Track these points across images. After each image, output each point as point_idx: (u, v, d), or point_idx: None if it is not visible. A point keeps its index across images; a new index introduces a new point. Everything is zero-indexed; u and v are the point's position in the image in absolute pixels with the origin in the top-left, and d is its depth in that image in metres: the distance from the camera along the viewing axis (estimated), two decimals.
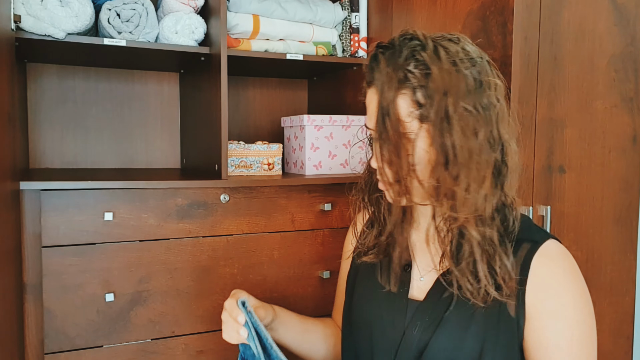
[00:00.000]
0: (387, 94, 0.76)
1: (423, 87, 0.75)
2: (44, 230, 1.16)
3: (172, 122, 1.73)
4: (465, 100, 0.74)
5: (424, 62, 0.75)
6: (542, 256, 0.78)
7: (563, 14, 1.32)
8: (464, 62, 0.76)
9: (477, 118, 0.75)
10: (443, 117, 0.74)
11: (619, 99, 1.43)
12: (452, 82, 0.74)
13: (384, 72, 0.77)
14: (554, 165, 1.35)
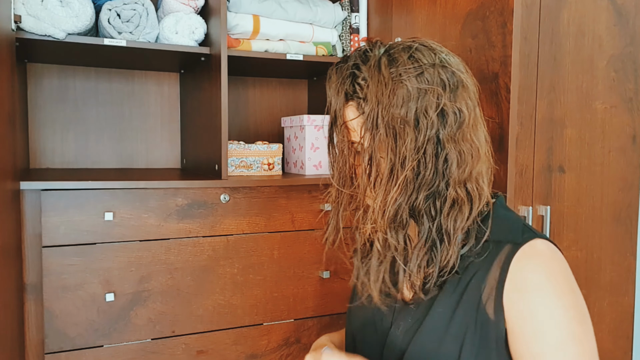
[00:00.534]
0: (334, 104, 0.82)
1: (363, 98, 0.78)
2: (44, 230, 1.16)
3: (172, 122, 1.73)
4: (399, 110, 0.76)
5: (360, 74, 0.79)
6: (521, 256, 0.77)
7: (563, 14, 1.32)
8: (407, 72, 0.77)
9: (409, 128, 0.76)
10: (373, 126, 0.77)
11: (618, 99, 1.43)
12: (385, 91, 0.76)
13: (334, 84, 0.82)
14: (554, 165, 1.35)
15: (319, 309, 1.43)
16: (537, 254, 0.77)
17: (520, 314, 0.74)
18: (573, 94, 1.36)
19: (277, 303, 1.39)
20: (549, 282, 0.74)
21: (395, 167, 0.76)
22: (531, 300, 0.74)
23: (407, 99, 0.75)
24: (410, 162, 0.76)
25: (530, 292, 0.74)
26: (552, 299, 0.74)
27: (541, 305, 0.73)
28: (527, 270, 0.76)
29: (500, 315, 0.76)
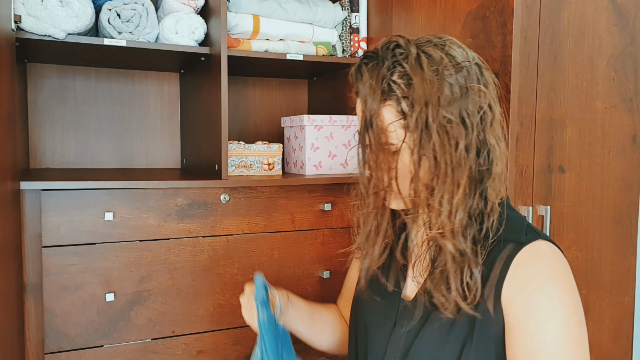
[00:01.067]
0: (370, 105, 0.77)
1: (406, 97, 0.75)
2: (44, 230, 1.16)
3: (172, 122, 1.73)
4: (447, 109, 0.74)
5: (406, 72, 0.75)
6: (523, 256, 0.77)
7: (563, 14, 1.32)
8: (448, 69, 0.75)
9: (458, 127, 0.75)
10: (423, 128, 0.74)
11: (618, 99, 1.43)
12: (433, 91, 0.73)
13: (367, 83, 0.77)
14: (554, 165, 1.35)
15: None
16: (539, 254, 0.77)
17: (520, 311, 0.74)
18: (573, 94, 1.36)
19: None
20: (550, 282, 0.74)
21: (452, 168, 0.75)
22: (532, 298, 0.74)
23: (453, 97, 0.75)
24: (466, 162, 0.75)
25: (531, 290, 0.74)
26: (554, 298, 0.73)
27: (542, 303, 0.73)
28: (529, 269, 0.75)
29: (499, 313, 0.76)
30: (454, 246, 0.76)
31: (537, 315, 0.73)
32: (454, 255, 0.76)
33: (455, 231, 0.76)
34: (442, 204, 0.75)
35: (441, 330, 0.79)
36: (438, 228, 0.76)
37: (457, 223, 0.75)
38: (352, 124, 1.51)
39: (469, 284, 0.76)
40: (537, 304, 0.73)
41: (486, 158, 0.78)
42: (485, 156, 0.77)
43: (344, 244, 1.45)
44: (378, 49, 0.79)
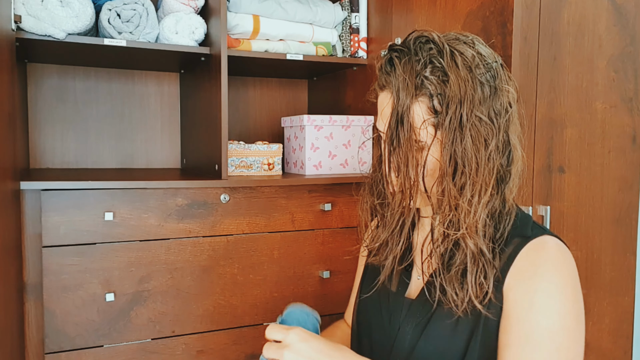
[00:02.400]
0: (403, 100, 0.75)
1: (440, 94, 0.74)
2: (44, 230, 1.16)
3: (172, 122, 1.73)
4: (479, 108, 0.74)
5: (442, 69, 0.74)
6: (529, 248, 0.77)
7: (563, 14, 1.32)
8: (480, 68, 0.75)
9: (489, 127, 0.75)
10: (457, 126, 0.73)
11: (618, 99, 1.43)
12: (467, 90, 0.73)
13: (401, 77, 0.75)
14: (554, 166, 1.35)
15: (319, 309, 1.42)
16: (545, 247, 0.77)
17: (518, 297, 0.74)
18: (573, 94, 1.36)
19: (277, 303, 1.39)
20: (553, 273, 0.74)
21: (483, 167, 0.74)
22: (532, 285, 0.74)
23: (484, 97, 0.74)
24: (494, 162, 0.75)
25: (532, 279, 0.74)
26: (554, 288, 0.74)
27: (542, 291, 0.73)
28: (533, 259, 0.76)
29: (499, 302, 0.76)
30: (475, 245, 0.76)
31: (535, 301, 0.73)
32: (475, 253, 0.76)
33: (479, 230, 0.76)
34: (471, 204, 0.74)
35: (447, 326, 0.79)
36: (466, 227, 0.75)
37: (481, 222, 0.75)
38: (352, 124, 1.51)
39: (483, 282, 0.76)
40: (536, 292, 0.74)
41: (507, 158, 0.78)
42: (506, 157, 0.78)
43: (344, 244, 1.45)
44: (409, 43, 0.78)
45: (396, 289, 0.89)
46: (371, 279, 0.96)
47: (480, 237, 0.76)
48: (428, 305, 0.82)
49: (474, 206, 0.74)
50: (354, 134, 1.52)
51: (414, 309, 0.84)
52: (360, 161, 1.54)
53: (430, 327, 0.80)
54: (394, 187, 0.80)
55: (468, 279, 0.76)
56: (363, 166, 1.55)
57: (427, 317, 0.82)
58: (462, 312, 0.77)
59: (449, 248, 0.79)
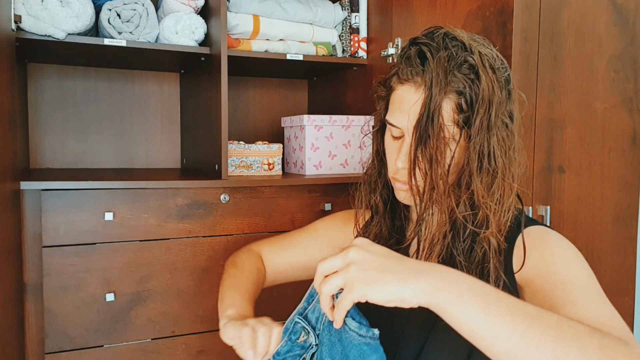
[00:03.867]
0: (436, 96, 0.73)
1: (469, 93, 0.73)
2: (44, 230, 1.16)
3: (172, 122, 1.73)
4: (502, 110, 0.75)
5: (472, 68, 0.73)
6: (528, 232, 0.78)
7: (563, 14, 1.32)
8: (500, 71, 0.76)
9: (510, 129, 0.76)
10: (486, 127, 0.73)
11: (618, 99, 1.43)
12: (495, 90, 0.74)
13: (434, 72, 0.73)
14: (554, 166, 1.35)
15: None
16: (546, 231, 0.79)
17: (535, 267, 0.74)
18: (573, 94, 1.36)
19: (277, 303, 1.39)
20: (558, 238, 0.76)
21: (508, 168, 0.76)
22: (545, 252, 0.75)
23: (504, 99, 0.75)
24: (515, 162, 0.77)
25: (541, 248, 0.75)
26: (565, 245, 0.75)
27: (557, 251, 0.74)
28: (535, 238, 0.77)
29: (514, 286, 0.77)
30: (497, 243, 0.76)
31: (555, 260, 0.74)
32: (496, 250, 0.76)
33: (502, 229, 0.76)
34: (501, 203, 0.75)
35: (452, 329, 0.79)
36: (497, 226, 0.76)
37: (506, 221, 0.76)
38: (352, 124, 1.51)
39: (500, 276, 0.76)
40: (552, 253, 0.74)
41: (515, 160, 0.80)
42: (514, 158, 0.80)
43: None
44: (437, 39, 0.76)
45: None
46: None
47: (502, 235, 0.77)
48: None
49: (504, 205, 0.76)
50: (354, 134, 1.52)
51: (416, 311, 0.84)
52: (360, 161, 1.54)
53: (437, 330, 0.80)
54: (416, 185, 0.78)
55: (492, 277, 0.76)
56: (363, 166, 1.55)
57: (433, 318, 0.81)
58: None
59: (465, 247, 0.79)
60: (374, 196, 0.93)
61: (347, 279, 0.60)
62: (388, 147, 0.84)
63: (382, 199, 0.92)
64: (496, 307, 0.57)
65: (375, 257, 0.61)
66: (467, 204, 0.77)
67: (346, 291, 0.60)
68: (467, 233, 0.78)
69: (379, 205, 0.93)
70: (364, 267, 0.60)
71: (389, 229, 0.91)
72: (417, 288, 0.58)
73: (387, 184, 0.90)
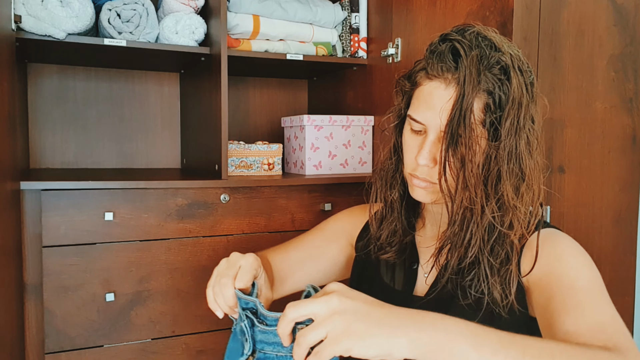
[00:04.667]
0: (469, 95, 0.71)
1: (499, 94, 0.72)
2: (44, 230, 1.16)
3: (172, 122, 1.73)
4: (529, 113, 0.75)
5: (504, 69, 0.73)
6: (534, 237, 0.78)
7: (563, 14, 1.32)
8: (527, 73, 0.76)
9: (536, 133, 0.76)
10: (515, 129, 0.73)
11: (618, 99, 1.43)
12: (524, 93, 0.73)
13: (467, 70, 0.72)
14: (554, 166, 1.35)
15: None
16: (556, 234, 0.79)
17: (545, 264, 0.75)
18: (573, 94, 1.36)
19: (277, 303, 1.39)
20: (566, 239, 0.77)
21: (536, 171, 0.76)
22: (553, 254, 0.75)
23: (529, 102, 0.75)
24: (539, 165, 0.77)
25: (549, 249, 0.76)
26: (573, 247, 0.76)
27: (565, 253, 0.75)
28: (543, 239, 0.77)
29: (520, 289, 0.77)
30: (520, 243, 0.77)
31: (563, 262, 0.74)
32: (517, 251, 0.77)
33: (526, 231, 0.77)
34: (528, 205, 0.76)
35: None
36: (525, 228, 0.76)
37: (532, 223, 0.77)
38: (352, 124, 1.51)
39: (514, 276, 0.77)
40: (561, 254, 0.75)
41: None
42: None
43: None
44: (470, 37, 0.75)
45: (402, 287, 0.88)
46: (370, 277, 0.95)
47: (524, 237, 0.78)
48: (441, 303, 0.81)
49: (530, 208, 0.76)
50: (354, 134, 1.52)
51: (424, 307, 0.82)
52: (360, 161, 1.54)
53: None
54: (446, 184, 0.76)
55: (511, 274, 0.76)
56: (363, 166, 1.55)
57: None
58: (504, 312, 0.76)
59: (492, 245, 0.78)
60: (391, 192, 0.90)
61: (332, 332, 0.54)
62: (407, 142, 0.82)
63: (399, 195, 0.90)
64: (489, 345, 0.55)
65: (360, 306, 0.56)
66: (495, 206, 0.76)
67: (329, 344, 0.54)
68: (494, 234, 0.77)
69: (395, 201, 0.90)
70: (350, 319, 0.54)
71: (403, 225, 0.90)
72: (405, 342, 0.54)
73: (404, 180, 0.88)
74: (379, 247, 0.92)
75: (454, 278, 0.80)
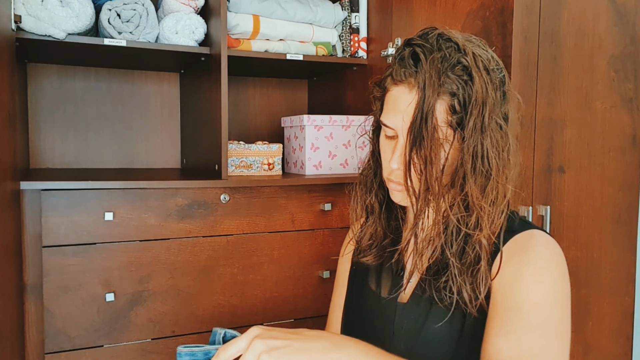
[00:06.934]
0: (429, 97, 0.72)
1: (462, 94, 0.73)
2: (44, 230, 1.16)
3: (172, 122, 1.73)
4: (496, 112, 0.75)
5: (465, 69, 0.73)
6: (515, 239, 0.77)
7: (563, 14, 1.32)
8: (495, 72, 0.76)
9: (504, 131, 0.76)
10: (479, 128, 0.73)
11: (618, 99, 1.43)
12: (489, 92, 0.73)
13: (427, 73, 0.73)
14: (554, 165, 1.35)
15: (319, 309, 1.43)
16: (532, 239, 0.77)
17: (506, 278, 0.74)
18: (573, 94, 1.36)
19: (277, 303, 1.39)
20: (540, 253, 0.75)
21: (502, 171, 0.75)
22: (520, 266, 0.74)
23: (498, 101, 0.75)
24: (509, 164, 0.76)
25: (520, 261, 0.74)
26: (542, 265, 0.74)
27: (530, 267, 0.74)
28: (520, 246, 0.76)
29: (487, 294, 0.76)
30: (489, 244, 0.76)
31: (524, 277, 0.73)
32: (487, 252, 0.76)
33: (495, 231, 0.76)
34: (494, 205, 0.75)
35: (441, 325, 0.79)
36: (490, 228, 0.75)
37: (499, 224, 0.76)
38: (352, 124, 1.51)
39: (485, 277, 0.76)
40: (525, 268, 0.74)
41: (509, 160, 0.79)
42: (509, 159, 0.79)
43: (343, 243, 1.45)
44: (431, 40, 0.76)
45: (387, 293, 0.88)
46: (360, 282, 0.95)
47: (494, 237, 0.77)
48: (422, 307, 0.81)
49: (497, 208, 0.75)
50: (354, 134, 1.52)
51: (406, 313, 0.83)
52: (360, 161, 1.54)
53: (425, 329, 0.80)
54: (412, 186, 0.77)
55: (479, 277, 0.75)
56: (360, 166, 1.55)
57: (421, 320, 0.81)
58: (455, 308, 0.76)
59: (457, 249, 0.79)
60: (369, 196, 0.92)
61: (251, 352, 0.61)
62: (382, 147, 0.84)
63: (377, 200, 0.92)
64: None
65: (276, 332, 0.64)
66: (461, 206, 0.77)
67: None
68: (460, 235, 0.78)
69: (374, 205, 0.92)
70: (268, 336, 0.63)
71: (384, 229, 0.91)
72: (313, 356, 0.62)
73: (383, 184, 0.90)
74: (360, 250, 0.94)
75: (432, 281, 0.80)
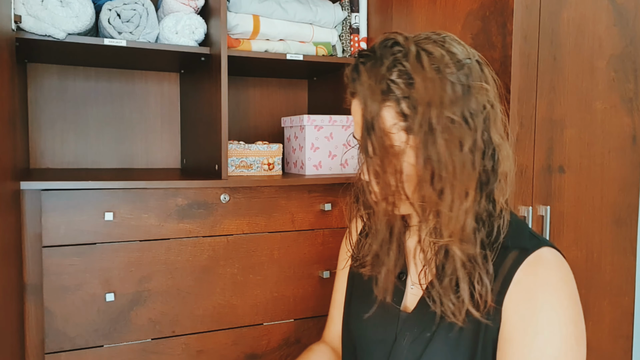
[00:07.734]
0: (370, 107, 0.72)
1: (407, 97, 0.71)
2: (44, 230, 1.16)
3: (172, 122, 1.73)
4: (451, 109, 0.71)
5: (406, 72, 0.71)
6: (529, 265, 0.74)
7: (563, 14, 1.32)
8: (450, 67, 0.72)
9: (463, 128, 0.72)
10: (427, 130, 0.70)
11: (618, 100, 1.43)
12: (435, 91, 0.70)
13: (366, 84, 0.73)
14: (554, 166, 1.35)
15: (319, 309, 1.43)
16: (544, 262, 0.75)
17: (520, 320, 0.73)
18: (573, 94, 1.36)
19: (277, 303, 1.39)
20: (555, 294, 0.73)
21: (460, 170, 0.71)
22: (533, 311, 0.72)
23: (455, 97, 0.71)
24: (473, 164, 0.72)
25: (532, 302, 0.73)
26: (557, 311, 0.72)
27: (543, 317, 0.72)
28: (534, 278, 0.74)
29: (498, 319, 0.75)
30: (462, 252, 0.73)
31: (538, 328, 0.72)
32: (464, 261, 0.73)
33: (465, 236, 0.73)
34: (452, 209, 0.72)
35: (450, 340, 0.77)
36: (449, 234, 0.73)
37: (467, 228, 0.73)
38: (352, 124, 1.51)
39: (479, 290, 0.74)
40: (538, 316, 0.72)
41: (491, 158, 0.75)
42: (490, 156, 0.75)
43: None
44: (375, 47, 0.75)
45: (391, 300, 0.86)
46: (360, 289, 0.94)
47: (469, 243, 0.73)
48: (428, 320, 0.80)
49: (456, 211, 0.72)
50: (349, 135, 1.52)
51: (410, 322, 0.82)
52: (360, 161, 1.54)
53: (433, 343, 0.78)
54: (376, 195, 0.77)
55: (461, 287, 0.73)
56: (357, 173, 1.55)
57: (428, 332, 0.79)
58: (463, 323, 0.75)
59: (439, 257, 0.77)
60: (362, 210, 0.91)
61: None
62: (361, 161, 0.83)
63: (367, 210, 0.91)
64: None
65: None
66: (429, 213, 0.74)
67: None
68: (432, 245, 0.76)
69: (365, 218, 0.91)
70: None
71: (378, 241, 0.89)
72: None
73: None
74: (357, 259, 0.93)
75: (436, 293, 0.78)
